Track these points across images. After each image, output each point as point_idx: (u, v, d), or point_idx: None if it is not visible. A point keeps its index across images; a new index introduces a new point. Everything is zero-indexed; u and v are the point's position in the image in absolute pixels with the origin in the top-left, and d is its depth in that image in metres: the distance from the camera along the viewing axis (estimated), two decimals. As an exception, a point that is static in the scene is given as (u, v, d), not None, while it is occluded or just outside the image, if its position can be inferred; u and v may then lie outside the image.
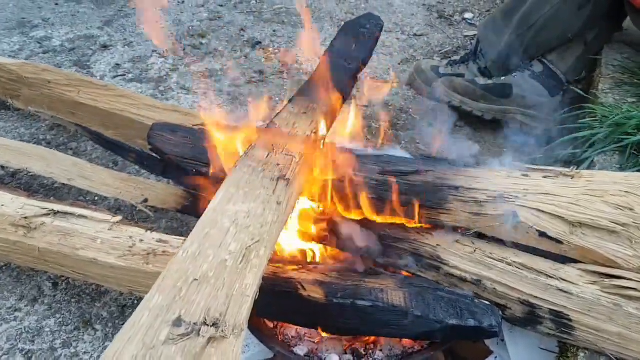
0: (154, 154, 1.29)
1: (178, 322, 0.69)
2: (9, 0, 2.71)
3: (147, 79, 2.17)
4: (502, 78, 1.78)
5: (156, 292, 0.74)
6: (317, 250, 1.18)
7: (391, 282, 1.01)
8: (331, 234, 1.12)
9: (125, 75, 2.20)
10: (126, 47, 2.37)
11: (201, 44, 2.38)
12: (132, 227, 1.23)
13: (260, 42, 2.36)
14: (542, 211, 1.02)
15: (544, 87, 1.74)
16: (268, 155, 1.02)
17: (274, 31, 2.45)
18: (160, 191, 1.41)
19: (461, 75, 1.84)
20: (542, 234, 1.01)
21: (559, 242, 1.01)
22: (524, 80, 1.75)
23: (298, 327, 1.13)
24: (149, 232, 1.20)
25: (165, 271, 0.77)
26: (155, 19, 1.11)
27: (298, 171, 1.01)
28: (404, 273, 1.10)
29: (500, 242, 1.09)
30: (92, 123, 1.68)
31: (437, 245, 1.07)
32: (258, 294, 0.79)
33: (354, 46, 1.36)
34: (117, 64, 2.26)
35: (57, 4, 2.69)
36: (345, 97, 1.25)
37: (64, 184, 1.62)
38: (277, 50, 2.32)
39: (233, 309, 0.73)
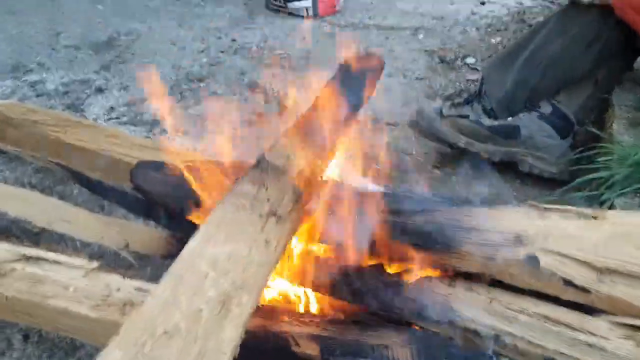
0: (138, 194, 1.19)
1: (138, 385, 0.57)
2: (6, 45, 2.68)
3: (142, 122, 2.10)
4: (509, 119, 1.69)
5: (115, 347, 0.62)
6: (312, 298, 1.06)
7: (396, 337, 0.89)
8: (330, 279, 1.00)
9: (119, 118, 2.13)
10: (122, 90, 2.31)
11: (200, 87, 2.32)
12: (110, 274, 1.12)
13: (260, 85, 2.30)
14: (566, 255, 0.91)
15: (553, 129, 1.65)
16: (257, 190, 0.92)
17: (274, 75, 2.40)
18: (145, 235, 1.30)
19: (465, 117, 1.76)
20: (567, 282, 0.90)
21: (586, 291, 0.90)
22: (531, 122, 1.66)
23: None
24: (127, 279, 1.08)
25: (128, 321, 0.66)
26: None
27: (292, 207, 0.91)
28: (412, 326, 0.97)
29: (517, 290, 0.97)
30: (79, 165, 1.58)
31: (449, 294, 0.95)
32: (238, 350, 0.67)
33: (354, 81, 1.28)
34: (112, 107, 2.20)
35: (54, 49, 2.66)
36: (345, 131, 1.16)
37: (44, 229, 1.52)
38: (276, 94, 2.25)
39: (206, 369, 0.61)
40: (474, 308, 0.93)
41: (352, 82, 1.29)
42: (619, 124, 1.50)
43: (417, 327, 0.97)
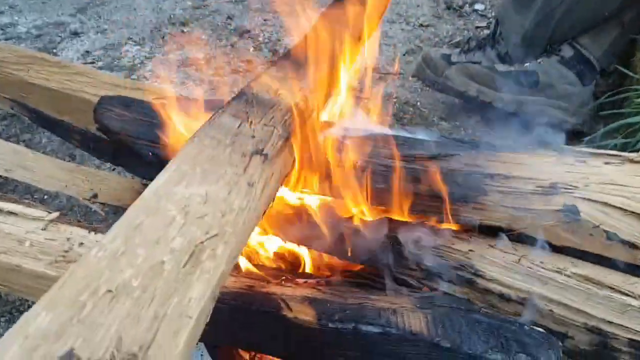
0: (103, 135, 1.02)
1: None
2: (-26, -13, 2.46)
3: (119, 67, 1.91)
4: (526, 64, 1.52)
5: (42, 309, 0.46)
6: (307, 257, 0.90)
7: (408, 301, 0.74)
8: (327, 234, 0.85)
9: (94, 62, 1.94)
10: (99, 34, 2.12)
11: (182, 32, 2.12)
12: (73, 227, 0.96)
13: (249, 31, 2.11)
14: (611, 205, 0.76)
15: (575, 75, 1.48)
16: (240, 125, 0.75)
17: (265, 20, 2.20)
18: (115, 184, 1.14)
19: (477, 63, 1.58)
20: (612, 236, 0.75)
21: (634, 247, 0.75)
22: (551, 67, 1.49)
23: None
24: (92, 233, 0.92)
25: (64, 277, 0.50)
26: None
27: (281, 146, 0.74)
28: (425, 289, 0.82)
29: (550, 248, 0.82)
30: (45, 107, 1.40)
31: (470, 250, 0.79)
32: (210, 313, 0.52)
33: (355, 9, 1.10)
34: (87, 51, 2.01)
35: (26, -9, 2.44)
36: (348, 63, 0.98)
37: (7, 179, 1.36)
38: (267, 40, 2.06)
39: (163, 338, 0.45)
40: (500, 267, 0.78)
41: (352, 10, 1.11)
42: (651, 67, 1.33)
43: (429, 290, 0.83)
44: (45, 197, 1.39)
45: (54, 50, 2.02)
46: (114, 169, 1.39)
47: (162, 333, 0.45)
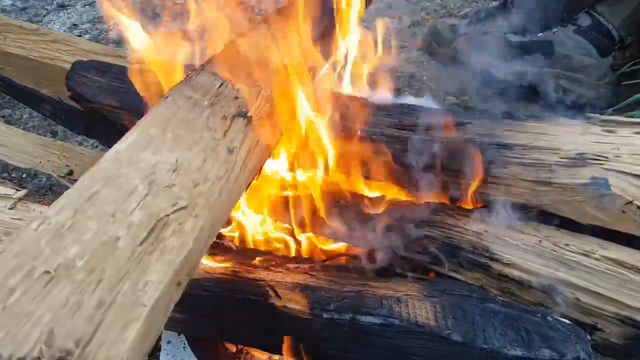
0: (76, 104, 0.93)
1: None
2: (-43, -43, 2.34)
3: (107, 39, 1.80)
4: (541, 34, 1.41)
5: (-42, 296, 0.37)
6: (300, 239, 0.81)
7: (413, 288, 0.64)
8: (322, 215, 0.75)
9: (81, 35, 1.84)
10: (87, 6, 2.01)
11: (175, 4, 2.01)
12: (43, 205, 0.88)
13: (244, 2, 2.00)
14: (645, 179, 0.66)
15: (593, 45, 1.37)
16: (222, 85, 0.65)
17: (262, -8, 2.08)
18: (92, 160, 1.04)
19: (487, 34, 1.47)
20: (648, 214, 0.65)
21: (673, 226, 0.65)
22: (568, 37, 1.38)
23: (272, 355, 0.76)
24: (63, 212, 0.83)
25: (-7, 255, 0.40)
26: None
27: (268, 110, 0.65)
28: (432, 274, 0.72)
29: (574, 227, 0.72)
30: (24, 78, 1.31)
31: (484, 231, 0.69)
32: (174, 301, 0.42)
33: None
34: (74, 24, 1.91)
35: (12, -38, 2.32)
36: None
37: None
38: (261, 12, 1.95)
39: (108, 331, 0.36)
40: (518, 249, 0.68)
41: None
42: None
43: (436, 276, 0.73)
44: (24, 175, 1.30)
45: (39, 23, 1.91)
46: (97, 146, 1.30)
47: (107, 325, 0.36)
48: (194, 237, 0.45)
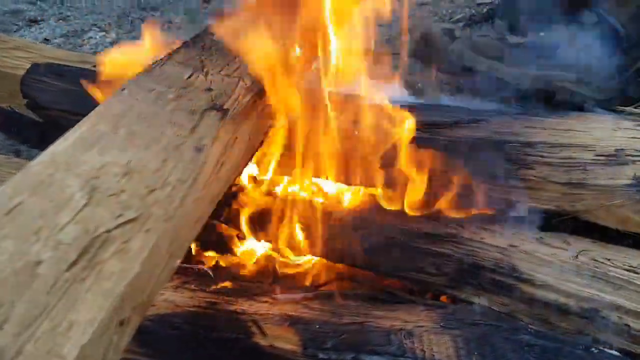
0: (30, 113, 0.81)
1: None
2: None
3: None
4: (542, 34, 1.32)
5: None
6: (289, 256, 0.69)
7: (427, 318, 0.53)
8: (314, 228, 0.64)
9: (53, 51, 1.72)
10: (60, 21, 1.91)
11: (153, 16, 1.91)
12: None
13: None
14: (698, 178, 0.55)
15: (599, 45, 1.28)
16: (191, 75, 0.54)
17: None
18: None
19: (485, 36, 1.38)
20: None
21: None
22: (571, 37, 1.29)
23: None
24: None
25: None
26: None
27: (249, 102, 0.54)
28: (443, 299, 0.61)
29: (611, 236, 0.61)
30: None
31: (509, 246, 0.58)
32: (118, 349, 0.30)
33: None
34: (46, 39, 1.80)
35: (-17, -22, 2.22)
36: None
37: None
38: (247, 23, 1.86)
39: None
40: (552, 267, 0.57)
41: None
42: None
43: (452, 301, 0.61)
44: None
45: (9, 39, 1.80)
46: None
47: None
48: (143, 259, 0.33)
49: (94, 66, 0.81)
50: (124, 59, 0.69)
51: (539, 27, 1.33)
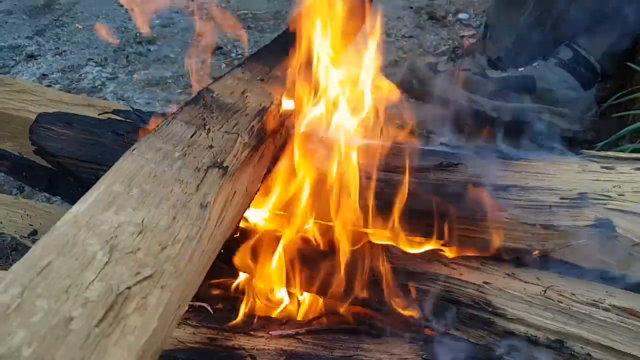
0: (40, 158, 0.86)
1: None
2: None
3: (78, 89, 1.75)
4: (521, 69, 1.39)
5: None
6: (280, 295, 0.74)
7: (410, 351, 0.58)
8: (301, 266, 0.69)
9: (51, 85, 1.78)
10: (57, 56, 1.96)
11: (149, 50, 1.98)
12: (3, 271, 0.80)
13: (221, 47, 1.97)
14: (653, 219, 0.62)
15: (575, 78, 1.36)
16: (194, 134, 0.60)
17: (238, 36, 2.06)
18: (57, 218, 0.97)
19: (466, 70, 1.45)
20: (657, 257, 0.60)
21: (685, 269, 0.60)
22: (549, 70, 1.37)
23: None
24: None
25: None
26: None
27: (247, 157, 0.59)
28: (429, 332, 0.66)
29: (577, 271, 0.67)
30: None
31: (484, 283, 0.64)
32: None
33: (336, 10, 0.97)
34: (44, 75, 1.85)
35: (-19, 14, 2.28)
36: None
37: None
38: (240, 56, 1.93)
39: None
40: (523, 301, 0.63)
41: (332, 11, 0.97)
42: (658, 65, 1.21)
43: (432, 334, 0.67)
44: (-12, 234, 1.21)
45: (8, 75, 1.86)
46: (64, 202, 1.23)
47: None
48: (160, 314, 0.38)
49: (101, 113, 0.87)
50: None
51: (518, 62, 1.41)
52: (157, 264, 0.42)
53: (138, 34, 2.08)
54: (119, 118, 0.85)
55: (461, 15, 2.09)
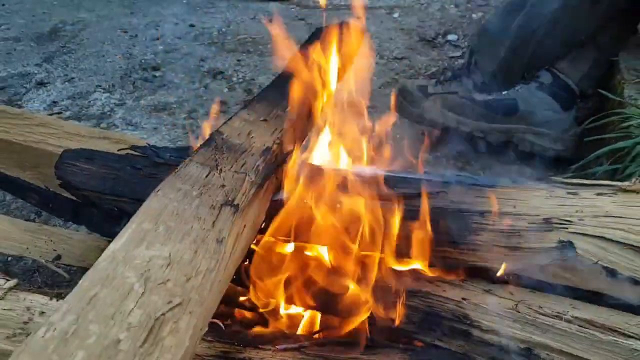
0: (65, 191, 0.95)
1: None
2: (-63, 39, 2.40)
3: (87, 115, 1.85)
4: (504, 93, 1.49)
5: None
6: (285, 311, 0.83)
7: (401, 359, 0.67)
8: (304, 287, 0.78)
9: (62, 112, 1.88)
10: (66, 83, 2.06)
11: (154, 76, 2.07)
12: (33, 294, 0.89)
13: (222, 72, 2.07)
14: (608, 239, 0.71)
15: (555, 101, 1.46)
16: (208, 174, 0.69)
17: (238, 61, 2.16)
18: (79, 244, 1.06)
19: (454, 93, 1.55)
20: (611, 272, 0.70)
21: (636, 282, 0.70)
22: (530, 94, 1.47)
23: None
24: (54, 300, 0.86)
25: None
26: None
27: (254, 194, 0.69)
28: (418, 344, 0.75)
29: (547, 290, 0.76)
30: (6, 163, 1.33)
31: (463, 299, 0.73)
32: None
33: (329, 49, 1.07)
34: (54, 102, 1.95)
35: (-10, 42, 2.38)
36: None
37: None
38: (241, 80, 2.03)
39: None
40: (495, 315, 0.72)
41: (326, 50, 1.07)
42: (630, 88, 1.31)
43: (421, 344, 0.76)
44: (9, 259, 1.30)
45: (19, 102, 1.95)
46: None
47: None
48: (190, 335, 0.47)
49: (120, 149, 0.96)
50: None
51: (502, 86, 1.51)
52: (184, 293, 0.51)
53: (142, 61, 2.18)
54: (136, 153, 0.94)
55: (450, 37, 2.20)
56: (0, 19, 2.63)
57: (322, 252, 0.84)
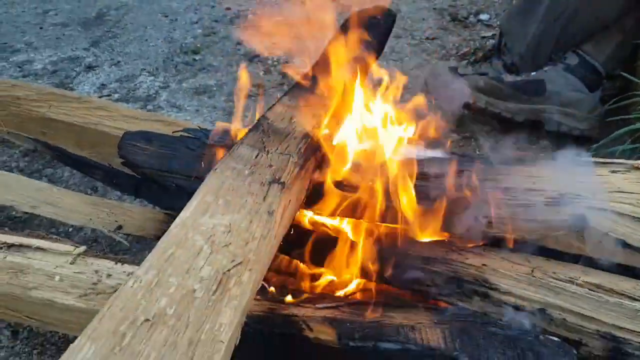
0: (126, 169, 1.07)
1: (113, 389, 0.45)
2: (-9, 26, 2.55)
3: (135, 98, 1.97)
4: (533, 74, 1.54)
5: (87, 340, 0.50)
6: (323, 276, 0.94)
7: (425, 317, 0.77)
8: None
9: (111, 95, 2.00)
10: (113, 66, 2.18)
11: (194, 60, 2.18)
12: (99, 259, 1.00)
13: (258, 55, 2.16)
14: (619, 213, 0.78)
15: (582, 82, 1.50)
16: (257, 155, 0.79)
17: (273, 43, 2.24)
18: (138, 215, 1.18)
19: (484, 74, 1.61)
20: (621, 243, 0.77)
21: (646, 253, 0.77)
22: (558, 75, 1.52)
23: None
24: (119, 264, 0.97)
25: (104, 309, 0.54)
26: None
27: (297, 173, 0.78)
28: (441, 304, 0.84)
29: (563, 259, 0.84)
30: (66, 143, 1.46)
31: (483, 265, 0.82)
32: (239, 338, 0.55)
33: (365, 33, 1.15)
34: (103, 84, 2.07)
35: (41, 28, 2.52)
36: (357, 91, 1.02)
37: (33, 215, 1.40)
38: (276, 63, 2.11)
39: (199, 364, 0.49)
40: (513, 279, 0.80)
41: (361, 34, 1.16)
42: (655, 71, 1.35)
43: (446, 305, 0.85)
44: (70, 229, 1.43)
45: (71, 85, 2.08)
46: (140, 201, 1.44)
47: (198, 358, 0.49)
48: (251, 287, 0.58)
49: (175, 131, 1.07)
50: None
51: (530, 67, 1.56)
52: (244, 254, 0.62)
53: (183, 44, 2.28)
54: (188, 135, 1.04)
55: (482, 16, 2.23)
56: (49, 5, 2.76)
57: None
